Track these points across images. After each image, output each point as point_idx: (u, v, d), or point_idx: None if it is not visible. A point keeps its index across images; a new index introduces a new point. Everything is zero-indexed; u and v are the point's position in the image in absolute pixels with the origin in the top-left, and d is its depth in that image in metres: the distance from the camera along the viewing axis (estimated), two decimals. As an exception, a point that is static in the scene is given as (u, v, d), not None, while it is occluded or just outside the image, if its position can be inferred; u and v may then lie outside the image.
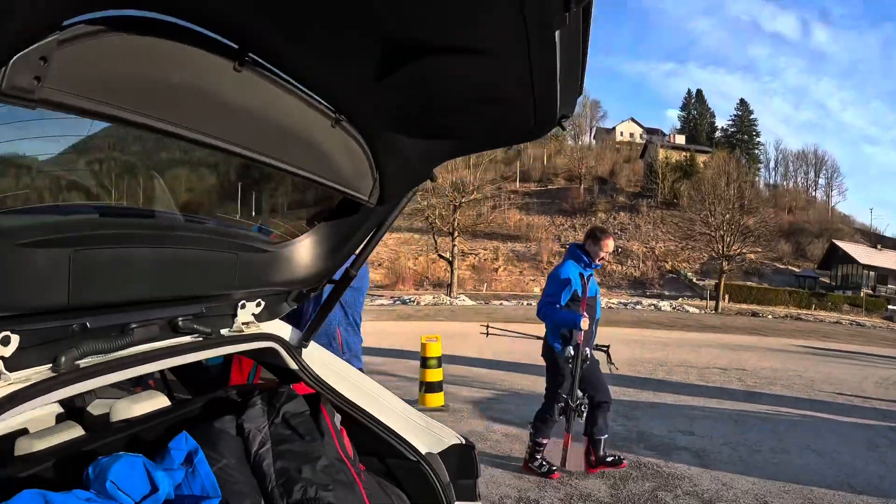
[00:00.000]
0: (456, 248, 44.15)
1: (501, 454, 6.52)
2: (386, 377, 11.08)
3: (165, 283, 1.98)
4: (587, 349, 5.66)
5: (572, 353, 5.54)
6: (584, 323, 5.44)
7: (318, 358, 2.77)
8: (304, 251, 2.46)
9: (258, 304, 2.52)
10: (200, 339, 2.24)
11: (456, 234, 44.01)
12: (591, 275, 5.76)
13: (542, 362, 5.98)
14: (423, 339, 9.12)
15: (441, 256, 44.42)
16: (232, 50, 1.39)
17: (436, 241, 44.54)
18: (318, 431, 2.33)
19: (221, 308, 2.38)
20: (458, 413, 8.41)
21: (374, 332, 19.80)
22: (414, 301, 37.80)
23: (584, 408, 5.69)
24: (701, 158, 73.99)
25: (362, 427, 2.62)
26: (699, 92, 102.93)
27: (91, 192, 2.19)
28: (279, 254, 2.40)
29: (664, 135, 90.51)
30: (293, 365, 2.61)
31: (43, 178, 2.03)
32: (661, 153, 76.73)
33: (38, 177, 2.02)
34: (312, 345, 2.81)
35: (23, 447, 2.05)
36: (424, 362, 8.88)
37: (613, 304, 30.86)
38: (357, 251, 2.57)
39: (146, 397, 2.53)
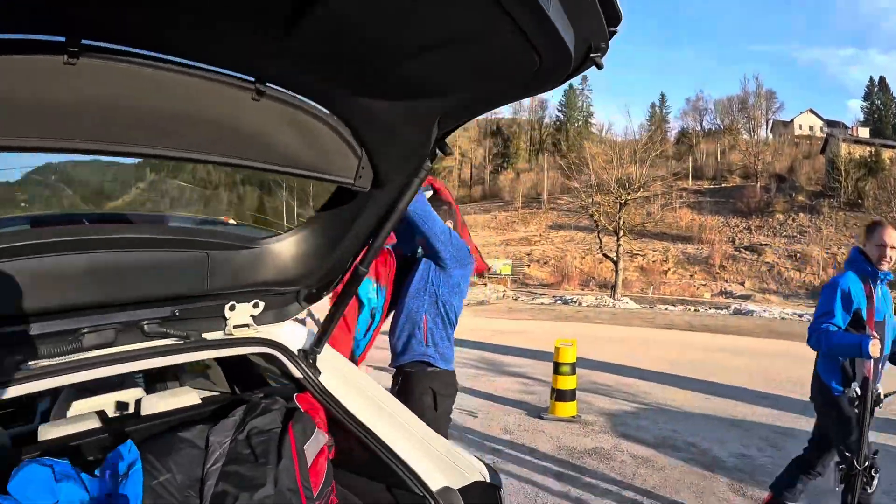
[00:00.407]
0: (621, 247, 42.57)
1: (623, 479, 5.81)
2: (522, 379, 10.67)
3: (109, 288, 1.90)
4: (878, 388, 4.13)
5: (858, 392, 4.03)
6: (874, 348, 3.82)
7: (334, 367, 2.51)
8: (295, 247, 2.23)
9: (255, 306, 2.32)
10: (181, 342, 2.12)
11: (621, 233, 42.42)
12: (880, 285, 4.23)
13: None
14: (557, 343, 8.47)
15: (606, 256, 43.12)
16: (56, 45, 1.20)
17: (600, 240, 43.22)
18: (276, 454, 2.07)
19: (203, 310, 2.21)
20: (588, 426, 7.75)
21: (522, 330, 19.66)
22: (575, 301, 36.95)
23: (876, 472, 3.99)
24: (887, 154, 64.79)
25: (369, 450, 2.31)
26: (882, 80, 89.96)
27: (29, 203, 2.23)
28: (265, 251, 2.18)
29: (846, 127, 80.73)
30: (297, 373, 2.38)
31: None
32: (844, 148, 68.39)
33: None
34: (332, 353, 2.56)
35: (42, 433, 2.18)
36: (557, 368, 8.25)
37: (787, 314, 28.24)
38: (366, 245, 2.25)
39: (176, 394, 2.54)
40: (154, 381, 3.49)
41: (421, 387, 3.71)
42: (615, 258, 41.67)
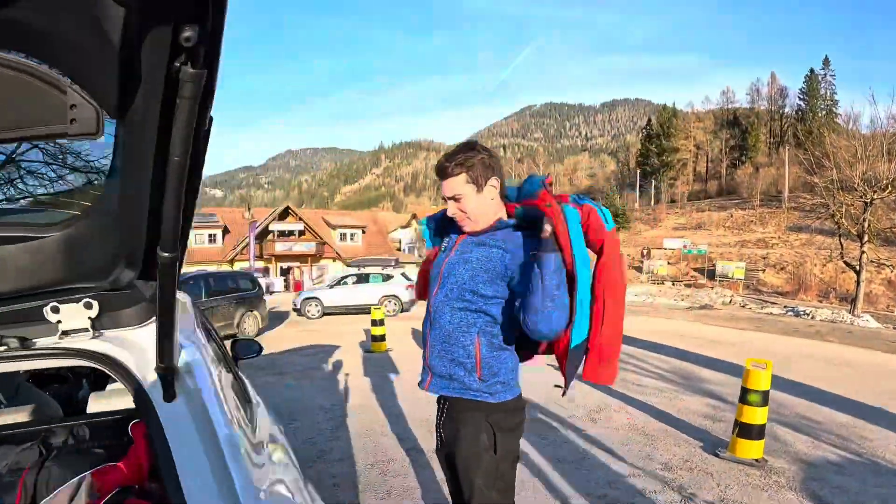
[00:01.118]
0: (865, 255, 37.82)
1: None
2: (712, 401, 9.36)
3: None
4: None
5: None
6: None
7: (195, 394, 1.92)
8: (85, 230, 1.72)
9: (88, 306, 1.87)
10: None
11: (866, 238, 37.20)
12: None
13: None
14: (748, 364, 6.80)
15: (847, 265, 38.42)
16: None
17: (842, 246, 38.32)
18: None
19: (15, 314, 1.87)
20: (772, 475, 6.03)
21: (737, 341, 18.07)
22: (808, 314, 33.61)
23: None
24: None
25: None
26: None
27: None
28: (57, 240, 1.71)
29: None
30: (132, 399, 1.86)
31: None
32: None
33: None
34: (198, 373, 2.00)
35: None
36: (743, 395, 6.58)
37: None
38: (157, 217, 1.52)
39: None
40: None
41: (473, 421, 2.69)
42: (857, 267, 37.28)
